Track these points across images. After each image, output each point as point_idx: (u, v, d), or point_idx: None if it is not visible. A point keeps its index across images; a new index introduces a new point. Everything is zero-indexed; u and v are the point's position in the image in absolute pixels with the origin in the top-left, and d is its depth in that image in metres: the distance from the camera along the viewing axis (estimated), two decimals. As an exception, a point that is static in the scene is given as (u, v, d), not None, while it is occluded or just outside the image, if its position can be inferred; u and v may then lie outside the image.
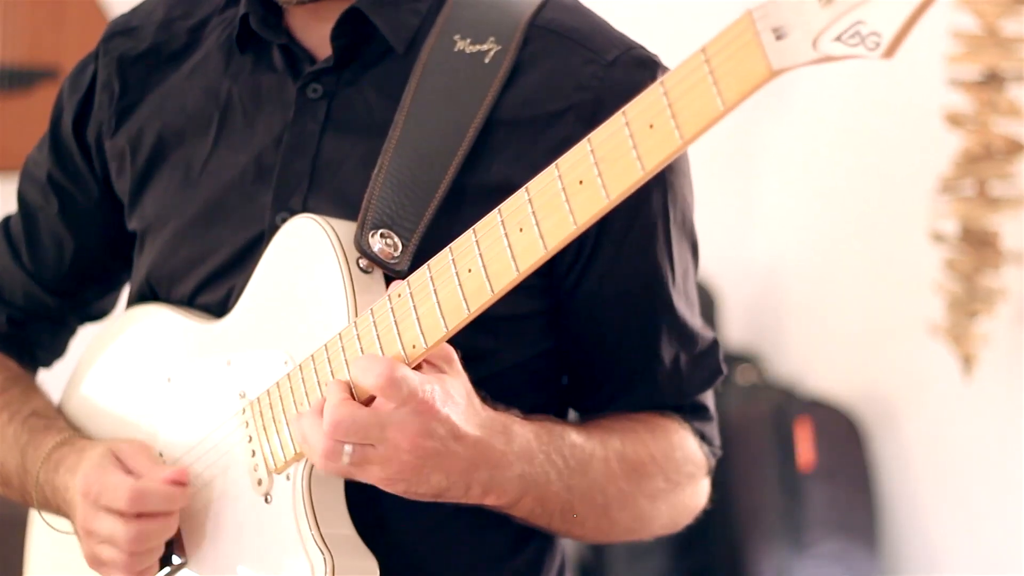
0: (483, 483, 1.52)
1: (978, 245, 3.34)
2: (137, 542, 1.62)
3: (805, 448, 3.64)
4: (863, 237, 3.78)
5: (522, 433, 1.54)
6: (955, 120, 3.35)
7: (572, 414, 1.74)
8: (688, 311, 1.67)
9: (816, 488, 3.63)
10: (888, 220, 3.71)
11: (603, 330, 1.65)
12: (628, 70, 1.60)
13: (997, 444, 3.48)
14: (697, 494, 1.72)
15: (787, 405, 3.71)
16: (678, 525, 1.73)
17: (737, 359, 3.81)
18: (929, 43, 3.32)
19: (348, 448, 1.46)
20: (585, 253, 1.61)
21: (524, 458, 1.53)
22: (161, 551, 1.65)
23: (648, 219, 1.62)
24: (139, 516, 1.61)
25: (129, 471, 1.64)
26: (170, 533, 1.64)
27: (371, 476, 1.49)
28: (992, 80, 3.31)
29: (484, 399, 1.52)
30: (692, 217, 1.68)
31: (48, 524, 1.76)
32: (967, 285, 3.34)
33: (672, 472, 1.67)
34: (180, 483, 1.63)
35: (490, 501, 1.54)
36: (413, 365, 1.48)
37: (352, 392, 1.50)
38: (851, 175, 3.81)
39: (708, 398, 1.73)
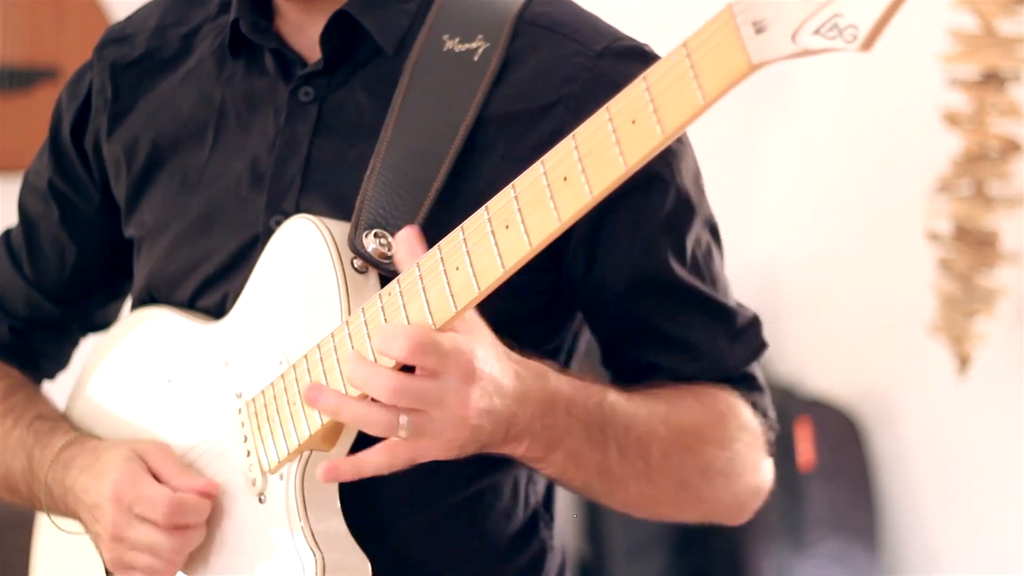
0: (517, 432, 1.48)
1: (975, 245, 3.34)
2: (179, 552, 1.62)
3: (805, 448, 3.64)
4: (863, 237, 3.78)
5: (557, 384, 1.51)
6: (953, 120, 3.35)
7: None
8: (716, 290, 1.65)
9: (816, 488, 3.63)
10: (888, 220, 3.71)
11: (628, 320, 1.64)
12: (616, 60, 1.61)
13: (997, 444, 3.48)
14: (760, 469, 1.66)
15: (787, 405, 3.70)
16: (746, 506, 1.67)
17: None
18: (927, 42, 3.32)
19: (404, 420, 1.42)
20: (592, 247, 1.61)
21: (559, 410, 1.50)
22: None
23: (659, 203, 1.61)
24: (176, 527, 1.62)
25: (158, 477, 1.64)
26: (200, 539, 1.64)
27: (426, 449, 1.45)
28: (990, 80, 3.30)
29: (510, 346, 1.49)
30: (705, 200, 1.66)
31: (57, 526, 1.76)
32: (964, 285, 3.34)
33: (727, 440, 1.62)
34: (210, 495, 1.63)
35: (521, 451, 1.50)
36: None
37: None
38: (850, 175, 3.82)
39: (756, 370, 1.69)
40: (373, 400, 1.45)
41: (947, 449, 3.60)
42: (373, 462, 1.46)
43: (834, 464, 3.66)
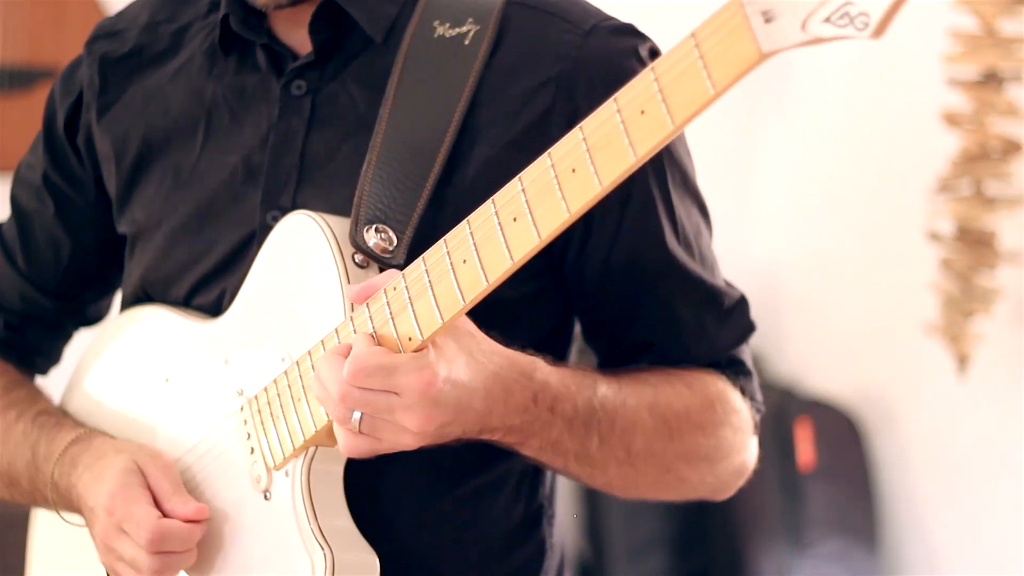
0: (492, 426, 1.51)
1: (974, 245, 3.34)
2: (160, 572, 1.62)
3: (805, 448, 3.64)
4: (863, 236, 3.78)
5: (545, 380, 1.53)
6: (953, 120, 3.34)
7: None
8: (705, 270, 1.66)
9: (816, 488, 3.63)
10: (889, 219, 3.71)
11: (620, 301, 1.65)
12: (605, 38, 1.61)
13: (997, 444, 3.48)
14: (744, 450, 1.67)
15: (787, 405, 3.70)
16: (728, 485, 1.69)
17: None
18: (927, 42, 3.32)
19: (356, 416, 1.45)
20: (585, 226, 1.61)
21: (542, 407, 1.52)
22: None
23: (646, 184, 1.61)
24: (159, 552, 1.62)
25: (152, 495, 1.64)
26: (190, 562, 1.64)
27: (385, 446, 1.48)
28: (990, 80, 3.30)
29: (502, 339, 1.51)
30: (694, 179, 1.67)
31: (63, 519, 1.75)
32: (963, 285, 3.34)
33: (713, 426, 1.64)
34: (198, 521, 1.63)
35: (496, 437, 1.53)
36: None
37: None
38: (850, 174, 3.81)
39: (743, 354, 1.70)
40: None
41: (947, 449, 3.60)
42: (339, 438, 1.49)
43: (834, 464, 3.65)
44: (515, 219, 1.40)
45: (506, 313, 1.59)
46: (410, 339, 1.47)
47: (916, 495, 3.66)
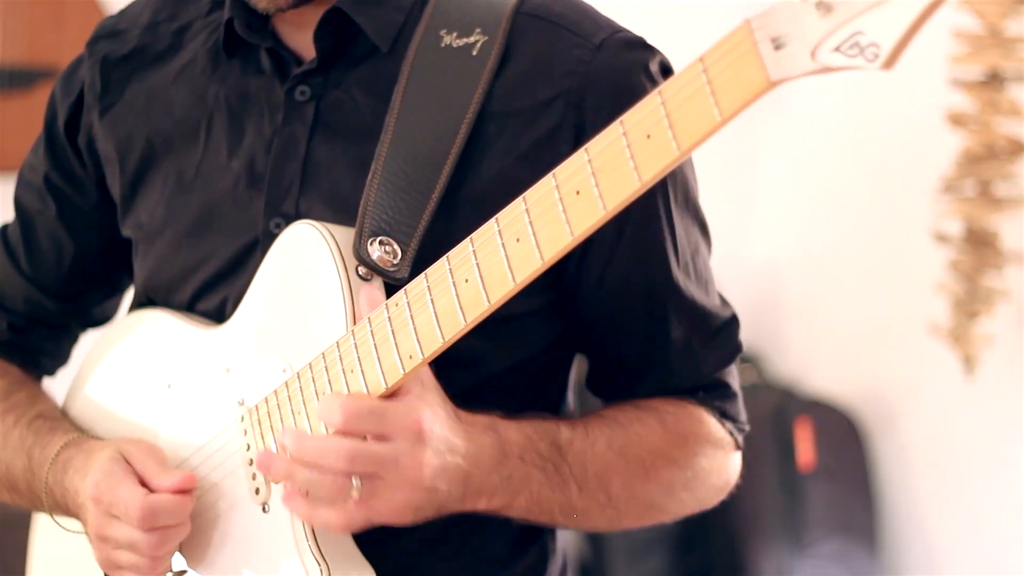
0: (475, 489, 1.51)
1: (979, 245, 3.34)
2: (158, 547, 1.62)
3: (805, 448, 3.64)
4: (864, 237, 3.78)
5: (508, 434, 1.54)
6: (957, 120, 3.34)
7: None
8: (698, 290, 1.65)
9: (816, 488, 3.63)
10: (889, 220, 3.71)
11: (610, 316, 1.64)
12: (616, 52, 1.59)
13: (997, 444, 3.48)
14: (724, 471, 1.68)
15: (787, 405, 3.70)
16: (710, 501, 1.70)
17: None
18: (931, 43, 3.31)
19: (356, 483, 1.46)
20: (584, 239, 1.60)
21: (513, 459, 1.53)
22: (175, 550, 1.65)
23: (646, 200, 1.59)
24: (153, 528, 1.61)
25: (139, 477, 1.63)
26: (185, 534, 1.63)
27: (381, 512, 1.48)
28: (994, 80, 3.30)
29: (458, 406, 1.52)
30: (696, 196, 1.66)
31: (60, 525, 1.75)
32: (968, 285, 3.34)
33: (689, 458, 1.64)
34: (187, 489, 1.62)
35: (482, 505, 1.53)
36: (406, 377, 1.48)
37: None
38: (852, 175, 3.81)
39: (728, 375, 1.70)
40: None
41: (947, 449, 3.60)
42: (326, 519, 1.49)
43: (834, 464, 3.66)
44: (518, 240, 1.39)
45: (504, 330, 1.58)
46: (411, 357, 1.46)
47: (916, 495, 3.66)
